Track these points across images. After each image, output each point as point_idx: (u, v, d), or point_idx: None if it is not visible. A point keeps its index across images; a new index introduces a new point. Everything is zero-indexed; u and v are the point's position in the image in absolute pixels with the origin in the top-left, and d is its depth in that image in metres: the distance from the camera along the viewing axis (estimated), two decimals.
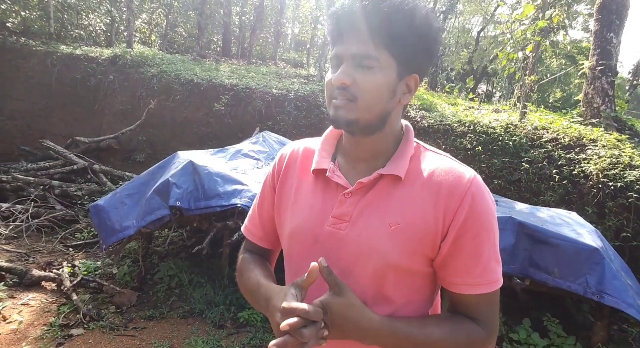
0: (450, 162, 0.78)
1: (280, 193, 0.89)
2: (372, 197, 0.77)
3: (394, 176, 0.76)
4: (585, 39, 13.86)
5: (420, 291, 0.80)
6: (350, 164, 0.83)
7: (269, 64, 10.83)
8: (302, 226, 0.82)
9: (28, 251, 4.09)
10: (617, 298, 2.55)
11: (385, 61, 0.71)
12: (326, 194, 0.81)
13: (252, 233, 0.97)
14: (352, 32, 0.71)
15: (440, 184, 0.74)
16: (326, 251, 0.78)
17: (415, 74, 0.76)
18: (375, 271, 0.75)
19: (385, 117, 0.76)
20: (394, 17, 0.68)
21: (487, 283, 0.74)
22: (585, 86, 5.52)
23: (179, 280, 3.51)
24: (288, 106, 6.11)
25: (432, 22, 0.73)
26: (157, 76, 6.74)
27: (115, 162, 6.32)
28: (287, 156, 0.91)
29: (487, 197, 0.75)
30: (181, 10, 12.26)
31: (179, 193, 2.95)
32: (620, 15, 5.18)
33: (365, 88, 0.71)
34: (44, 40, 7.95)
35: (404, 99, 0.77)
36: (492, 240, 0.74)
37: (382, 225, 0.74)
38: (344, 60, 0.72)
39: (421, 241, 0.73)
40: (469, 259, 0.73)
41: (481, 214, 0.72)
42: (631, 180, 3.85)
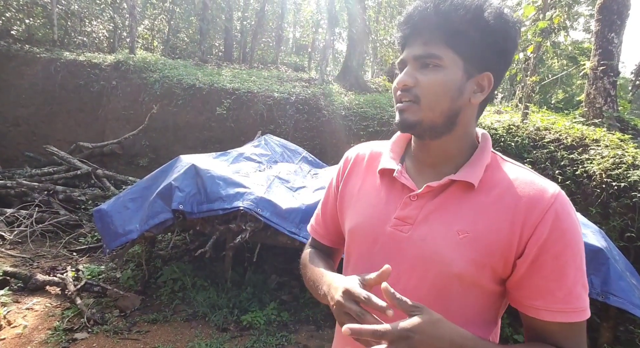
0: (532, 175, 0.73)
1: (343, 192, 0.89)
2: (440, 202, 0.73)
3: (466, 183, 0.72)
4: (587, 40, 13.84)
5: (484, 311, 0.74)
6: (418, 168, 0.80)
7: (270, 68, 10.88)
8: (362, 225, 0.81)
9: (32, 256, 4.11)
10: (623, 298, 2.53)
11: (449, 60, 0.69)
12: (390, 195, 0.79)
13: (315, 231, 1.00)
14: (415, 36, 0.71)
15: (520, 197, 0.68)
16: (385, 252, 0.76)
17: (488, 72, 0.72)
18: (436, 279, 0.71)
19: (453, 118, 0.73)
20: (454, 15, 0.67)
21: (573, 311, 0.66)
22: (587, 86, 5.51)
23: (182, 284, 3.52)
24: (290, 109, 6.13)
25: (502, 17, 0.69)
26: (160, 81, 6.79)
27: (118, 167, 6.35)
28: (352, 158, 0.91)
29: (573, 215, 0.69)
30: (183, 16, 12.37)
31: (182, 196, 2.96)
32: (622, 16, 5.18)
33: (428, 87, 0.70)
34: (48, 47, 8.04)
35: (474, 98, 0.73)
36: (578, 262, 0.67)
37: (449, 232, 0.70)
38: (408, 63, 0.72)
39: (492, 254, 0.68)
40: (551, 281, 0.67)
41: (566, 232, 0.66)
42: (635, 180, 3.82)
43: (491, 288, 0.71)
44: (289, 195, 3.17)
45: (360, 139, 5.66)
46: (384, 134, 5.44)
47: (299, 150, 4.44)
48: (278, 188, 3.22)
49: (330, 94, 6.64)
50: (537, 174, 0.73)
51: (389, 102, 6.25)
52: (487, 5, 0.68)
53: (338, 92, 7.10)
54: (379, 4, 12.24)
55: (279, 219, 2.87)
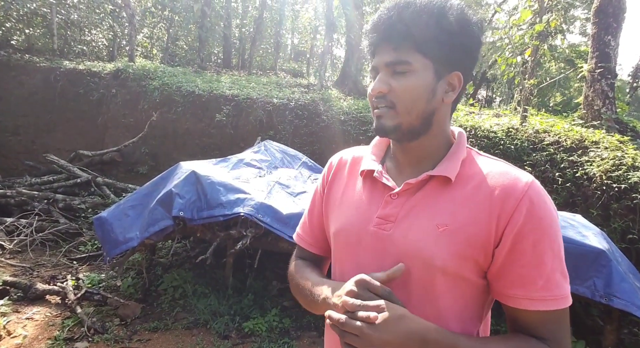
0: (506, 166, 0.74)
1: (327, 197, 0.91)
2: (420, 198, 0.75)
3: (443, 178, 0.74)
4: (584, 43, 13.93)
5: (471, 305, 0.75)
6: (398, 169, 0.82)
7: (269, 74, 10.94)
8: (346, 226, 0.82)
9: (32, 265, 4.09)
10: (626, 300, 2.51)
11: (418, 64, 0.71)
12: (372, 196, 0.81)
13: (302, 240, 0.99)
14: (384, 43, 0.73)
15: (495, 188, 0.70)
16: (370, 252, 0.77)
17: (456, 71, 0.74)
18: (421, 274, 0.71)
19: (428, 119, 0.75)
20: (419, 20, 0.69)
21: (552, 299, 0.67)
22: (585, 88, 5.53)
23: (183, 291, 3.50)
24: (289, 115, 6.15)
25: (466, 17, 0.72)
26: (159, 89, 6.81)
27: (118, 174, 6.36)
28: (335, 163, 0.93)
29: (548, 202, 0.70)
30: (182, 24, 12.45)
31: (182, 203, 2.96)
32: (617, 18, 5.22)
33: (402, 93, 0.72)
34: (48, 57, 8.08)
35: (447, 97, 0.75)
36: (555, 249, 0.68)
37: (429, 226, 0.71)
38: (380, 70, 0.74)
39: (471, 245, 0.69)
40: (530, 269, 0.67)
41: (542, 220, 0.67)
42: (635, 181, 3.83)
43: (476, 281, 0.72)
44: (289, 200, 3.16)
45: (360, 143, 5.62)
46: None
47: (299, 155, 4.45)
48: (278, 194, 3.22)
49: (329, 99, 6.67)
50: (511, 165, 0.75)
51: None
52: (448, 8, 0.71)
53: (337, 97, 7.13)
54: (377, 10, 12.33)
55: (279, 224, 2.86)
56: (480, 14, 15.50)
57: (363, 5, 9.15)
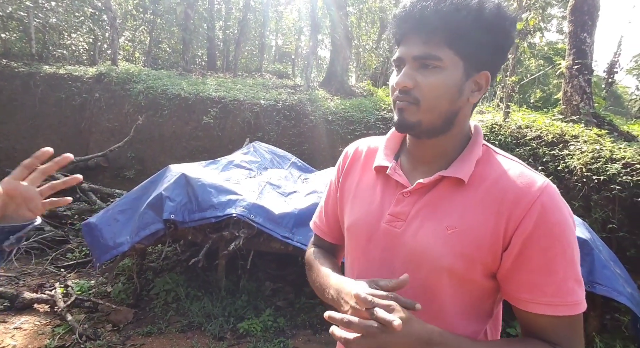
0: (521, 168, 0.72)
1: (342, 188, 0.90)
2: (431, 199, 0.74)
3: (456, 179, 0.72)
4: (561, 41, 14.33)
5: (478, 305, 0.74)
6: (412, 164, 0.81)
7: (254, 76, 10.91)
8: (358, 221, 0.82)
9: (18, 274, 4.00)
10: (608, 287, 2.61)
11: (449, 60, 0.68)
12: (385, 192, 0.80)
13: (318, 228, 0.99)
14: (413, 34, 0.69)
15: (506, 190, 0.68)
16: (380, 248, 0.77)
17: (485, 70, 0.71)
18: (428, 274, 0.71)
19: (451, 119, 0.73)
20: (456, 16, 0.65)
21: (563, 305, 0.65)
22: (564, 84, 5.70)
23: (175, 295, 3.48)
24: (277, 116, 6.16)
25: (503, 14, 0.68)
26: (144, 92, 6.73)
27: (104, 180, 6.25)
28: (350, 154, 0.92)
29: (563, 208, 0.67)
30: (164, 26, 12.30)
31: (173, 206, 2.95)
32: (592, 16, 5.41)
33: (428, 90, 0.69)
34: (26, 62, 7.89)
35: (472, 97, 0.73)
36: (569, 256, 0.66)
37: (438, 228, 0.71)
38: (406, 62, 0.70)
39: (480, 248, 0.68)
40: (539, 275, 0.66)
41: (554, 226, 0.65)
42: (613, 173, 3.97)
43: (483, 282, 0.71)
44: (280, 200, 3.18)
45: (348, 142, 5.68)
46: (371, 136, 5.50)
47: (288, 156, 4.46)
48: (270, 194, 3.23)
49: (316, 99, 6.70)
50: (527, 166, 0.73)
51: (375, 106, 6.34)
52: (488, 4, 0.67)
53: (324, 97, 7.17)
54: (361, 11, 12.44)
55: (272, 224, 2.88)
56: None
57: (347, 5, 9.23)
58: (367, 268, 0.78)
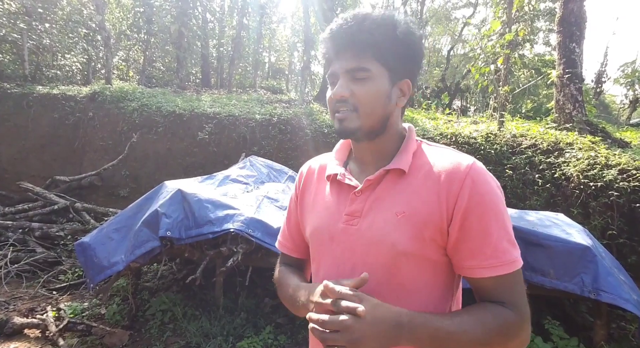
0: (451, 152, 0.82)
1: (301, 203, 0.99)
2: (380, 191, 0.82)
3: (398, 170, 0.81)
4: (548, 53, 14.65)
5: (438, 283, 0.81)
6: (360, 168, 0.89)
7: (249, 92, 10.98)
8: (319, 226, 0.89)
9: (8, 298, 3.86)
10: (614, 294, 2.57)
11: (376, 71, 0.78)
12: (340, 197, 0.87)
13: (283, 246, 1.06)
14: (343, 51, 0.79)
15: (441, 172, 0.78)
16: (342, 247, 0.83)
17: (406, 79, 0.83)
18: (387, 259, 0.77)
19: (385, 121, 0.83)
20: (377, 31, 0.76)
21: (501, 265, 0.74)
22: (556, 93, 5.79)
23: (172, 315, 3.37)
24: (272, 130, 6.16)
25: (414, 30, 0.80)
26: (138, 110, 6.72)
27: (98, 199, 6.16)
28: (305, 172, 1.01)
29: (489, 180, 0.77)
30: (158, 45, 12.42)
31: (169, 222, 2.88)
32: (580, 27, 5.53)
33: (363, 97, 0.78)
34: (19, 82, 7.87)
35: (399, 102, 0.83)
36: (500, 220, 0.75)
37: (389, 215, 0.78)
38: (340, 76, 0.80)
39: (427, 226, 0.76)
40: (478, 240, 0.74)
41: (484, 195, 0.74)
42: (610, 179, 3.99)
43: (438, 260, 0.79)
44: (279, 214, 3.13)
45: None
46: None
47: (285, 169, 4.43)
48: (268, 208, 3.18)
49: (311, 113, 6.73)
50: (455, 151, 0.83)
51: None
52: (399, 22, 0.78)
53: (319, 111, 7.20)
54: None
55: (270, 239, 2.82)
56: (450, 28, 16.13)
57: None
58: (332, 267, 0.85)
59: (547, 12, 12.03)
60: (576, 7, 5.51)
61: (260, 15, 12.53)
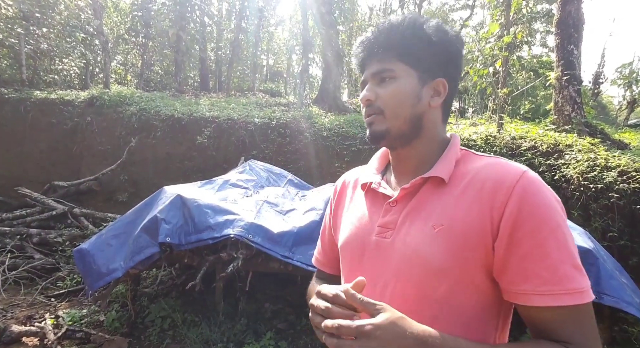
0: (499, 160, 0.73)
1: (335, 217, 0.96)
2: (416, 202, 0.76)
3: (437, 179, 0.75)
4: (545, 54, 14.71)
5: (480, 313, 0.70)
6: (397, 178, 0.85)
7: (247, 95, 10.97)
8: (350, 239, 0.84)
9: (5, 306, 3.83)
10: (616, 297, 2.55)
11: (401, 71, 0.76)
12: (373, 207, 0.83)
13: (317, 261, 1.04)
14: (369, 59, 0.80)
15: (485, 180, 0.69)
16: (373, 261, 0.78)
17: (440, 78, 0.78)
18: (420, 279, 0.69)
19: (417, 122, 0.78)
20: (399, 33, 0.76)
21: (565, 293, 0.60)
22: (555, 95, 5.79)
23: (171, 321, 3.34)
24: (271, 133, 6.14)
25: (442, 29, 0.78)
26: (137, 114, 6.70)
27: (96, 204, 6.12)
28: (339, 186, 0.99)
29: (545, 190, 0.66)
30: (156, 49, 12.41)
31: (169, 228, 2.86)
32: (578, 29, 5.54)
33: (388, 98, 0.77)
34: (16, 87, 7.84)
35: (433, 102, 0.78)
36: (561, 239, 0.63)
37: (425, 228, 0.71)
38: (368, 81, 0.80)
39: (467, 241, 0.67)
40: (532, 260, 0.63)
41: (539, 207, 0.64)
42: (610, 181, 3.97)
43: (482, 282, 0.68)
44: (279, 219, 3.11)
45: (344, 158, 5.70)
46: (367, 152, 5.50)
47: (284, 173, 4.42)
48: (268, 212, 3.16)
49: (310, 116, 6.72)
50: (505, 159, 0.74)
51: None
52: (426, 22, 0.77)
53: (318, 114, 7.19)
54: (351, 28, 12.71)
55: (271, 244, 2.80)
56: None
57: (337, 24, 9.40)
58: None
59: (545, 14, 12.08)
60: (574, 9, 5.52)
61: (259, 19, 12.54)
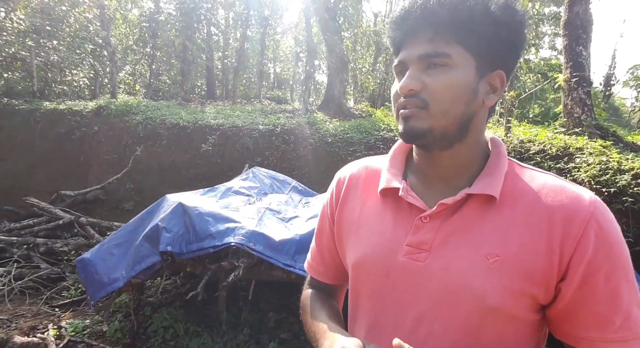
0: (560, 181, 0.63)
1: (340, 220, 0.78)
2: (459, 222, 0.63)
3: (486, 197, 0.62)
4: (554, 57, 14.55)
5: (520, 343, 0.63)
6: (425, 184, 0.70)
7: (253, 102, 11.02)
8: (369, 256, 0.69)
9: (10, 316, 3.82)
10: None
11: (459, 57, 0.60)
12: (398, 219, 0.68)
13: (313, 269, 0.88)
14: (417, 33, 0.62)
15: (552, 207, 0.59)
16: (401, 288, 0.65)
17: (499, 70, 0.64)
18: (469, 316, 0.60)
19: (466, 124, 0.64)
20: (461, 7, 0.59)
21: (634, 339, 0.56)
22: (564, 97, 5.67)
23: (174, 331, 3.30)
24: (275, 140, 6.13)
25: (512, 8, 0.61)
26: (143, 123, 6.75)
27: (103, 213, 6.15)
28: (346, 179, 0.79)
29: (615, 224, 0.59)
30: (164, 59, 12.58)
31: (170, 237, 2.83)
32: (586, 30, 5.44)
33: (439, 91, 0.60)
34: (27, 99, 7.99)
35: (488, 100, 0.64)
36: (631, 279, 0.57)
37: (476, 257, 0.60)
38: (410, 64, 0.63)
39: (529, 278, 0.58)
40: (605, 306, 0.56)
41: (613, 246, 0.57)
42: (623, 184, 3.85)
43: (528, 318, 0.61)
44: (281, 226, 3.06)
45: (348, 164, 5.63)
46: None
47: (288, 180, 4.38)
48: (270, 220, 3.12)
49: (315, 122, 6.69)
50: (564, 179, 0.64)
51: (374, 127, 6.30)
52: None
53: (322, 120, 7.16)
54: (355, 35, 12.75)
55: (272, 252, 2.75)
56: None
57: (342, 30, 9.42)
58: (383, 312, 0.67)
59: (552, 16, 11.96)
60: (581, 10, 5.42)
61: (264, 27, 12.66)
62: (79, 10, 10.27)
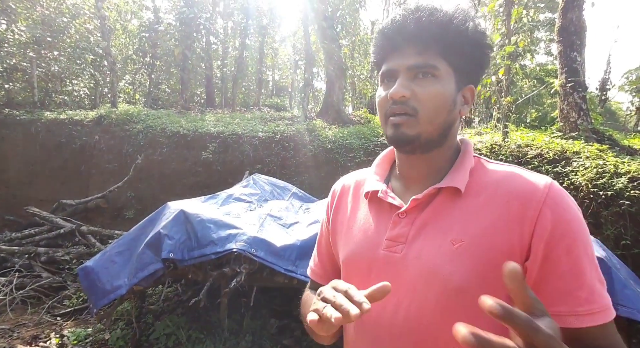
0: (520, 170, 0.69)
1: (334, 225, 0.86)
2: (430, 214, 0.69)
3: (452, 189, 0.69)
4: (550, 62, 14.70)
5: (500, 331, 0.59)
6: (405, 185, 0.77)
7: (252, 110, 11.10)
8: (355, 252, 0.76)
9: (12, 326, 3.83)
10: (632, 308, 2.45)
11: (444, 71, 0.67)
12: (380, 218, 0.75)
13: (313, 272, 0.95)
14: (407, 45, 0.68)
15: (510, 193, 0.64)
16: (382, 277, 0.67)
17: (471, 84, 0.72)
18: (439, 297, 0.64)
19: (447, 131, 0.71)
20: (448, 27, 0.66)
21: (599, 312, 0.58)
22: (560, 102, 5.74)
23: (176, 338, 3.30)
24: (275, 147, 6.18)
25: (481, 30, 0.69)
26: (143, 132, 6.80)
27: (104, 221, 6.17)
28: (338, 190, 0.89)
29: (572, 203, 0.63)
30: (163, 68, 12.68)
31: (172, 244, 2.85)
32: (580, 36, 5.53)
33: (426, 99, 0.66)
34: (28, 109, 8.05)
35: (463, 110, 0.72)
36: (590, 255, 0.61)
37: (444, 243, 0.65)
38: (400, 73, 0.68)
39: (492, 260, 0.61)
40: (569, 280, 0.59)
41: (571, 222, 0.60)
42: (620, 188, 3.89)
43: (499, 298, 0.61)
44: (282, 232, 3.09)
45: (349, 170, 5.67)
46: (371, 163, 5.47)
47: (288, 186, 4.41)
48: (271, 226, 3.15)
49: (314, 129, 6.75)
50: (525, 169, 0.69)
51: (373, 133, 6.36)
52: (470, 18, 0.68)
53: (321, 127, 7.22)
54: (353, 42, 12.88)
55: (274, 258, 2.77)
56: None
57: (340, 38, 9.53)
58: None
59: (547, 23, 12.12)
60: (575, 16, 5.52)
61: (262, 36, 12.79)
62: (80, 21, 10.40)
